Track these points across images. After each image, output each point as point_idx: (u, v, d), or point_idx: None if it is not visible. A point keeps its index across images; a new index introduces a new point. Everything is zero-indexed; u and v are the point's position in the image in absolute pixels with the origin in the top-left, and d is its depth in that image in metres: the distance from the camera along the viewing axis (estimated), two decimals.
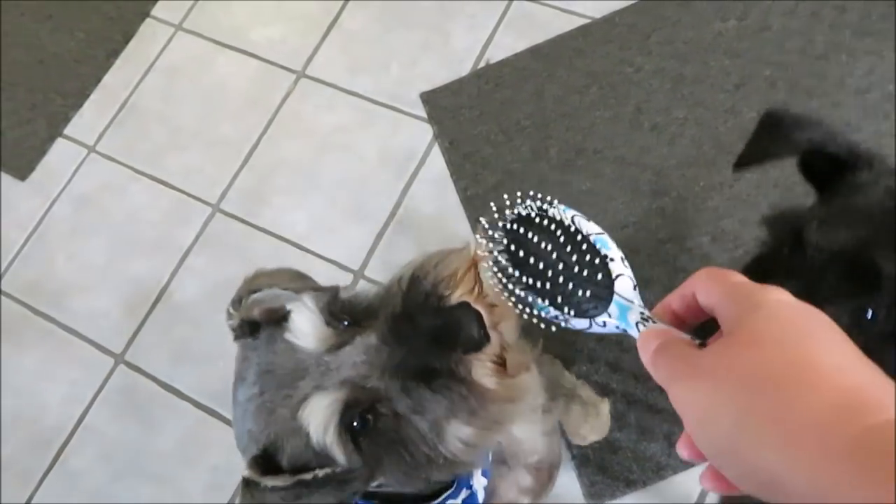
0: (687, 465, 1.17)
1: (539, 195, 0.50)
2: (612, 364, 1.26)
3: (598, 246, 0.47)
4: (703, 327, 0.43)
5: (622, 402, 1.23)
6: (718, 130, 1.40)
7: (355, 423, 0.51)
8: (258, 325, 0.58)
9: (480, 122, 1.50)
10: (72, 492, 1.37)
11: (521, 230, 0.48)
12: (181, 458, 1.36)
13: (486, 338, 0.52)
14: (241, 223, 1.53)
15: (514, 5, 1.62)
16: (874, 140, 1.32)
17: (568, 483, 1.21)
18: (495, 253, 0.48)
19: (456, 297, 0.53)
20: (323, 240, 1.48)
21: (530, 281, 0.46)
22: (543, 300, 0.46)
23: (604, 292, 0.46)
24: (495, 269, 0.47)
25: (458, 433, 0.51)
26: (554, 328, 0.46)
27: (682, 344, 0.39)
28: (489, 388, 0.51)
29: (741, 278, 0.39)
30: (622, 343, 1.27)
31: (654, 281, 1.31)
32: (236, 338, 0.60)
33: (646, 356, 0.40)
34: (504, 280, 0.47)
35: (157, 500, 1.34)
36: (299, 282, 0.61)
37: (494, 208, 0.48)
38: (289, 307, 0.54)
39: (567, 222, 0.48)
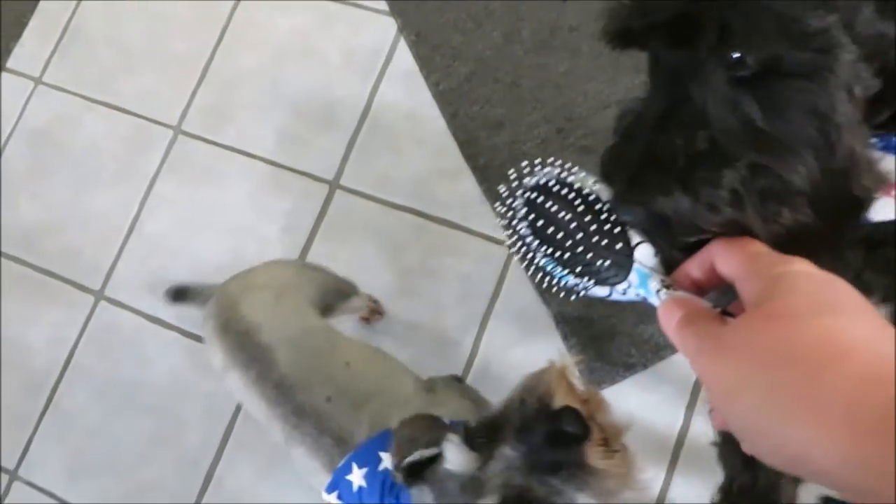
0: None
1: (558, 161, 0.49)
2: None
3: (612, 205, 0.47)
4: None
5: None
6: None
7: None
8: (420, 471, 0.74)
9: (446, 9, 1.40)
10: (69, 433, 1.36)
11: (540, 199, 0.48)
12: (175, 389, 1.34)
13: (588, 429, 0.67)
14: (206, 143, 1.45)
15: None
16: None
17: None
18: (515, 222, 0.49)
19: (557, 401, 0.68)
20: (293, 152, 1.41)
21: (550, 250, 0.47)
22: (563, 269, 0.47)
23: (624, 260, 0.46)
24: (515, 239, 0.49)
25: None
26: (574, 296, 0.48)
27: (706, 316, 0.38)
28: (601, 468, 0.67)
29: (761, 247, 0.39)
30: None
31: None
32: (408, 486, 0.75)
33: (669, 326, 0.40)
34: (524, 250, 0.48)
35: (156, 431, 1.33)
36: (434, 426, 0.76)
37: (513, 176, 0.48)
38: (443, 447, 0.71)
39: (587, 190, 0.48)
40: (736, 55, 0.42)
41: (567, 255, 0.46)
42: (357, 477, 0.78)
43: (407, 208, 1.33)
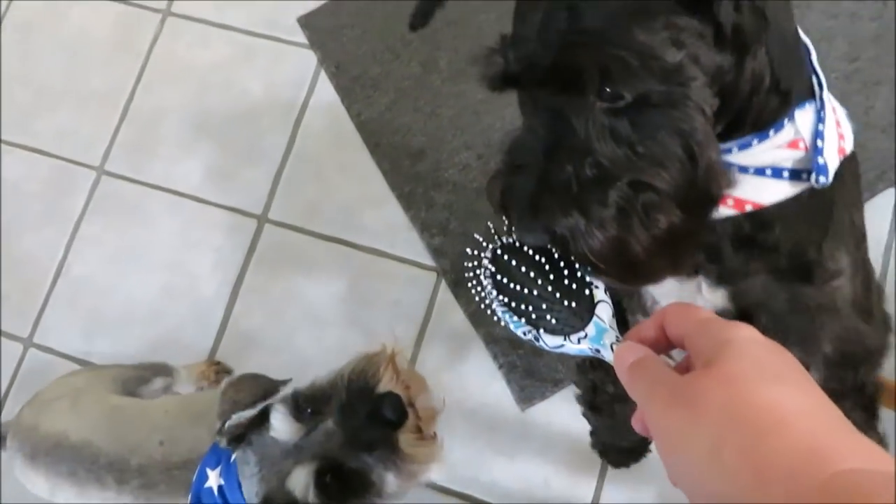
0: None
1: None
2: None
3: (581, 272, 0.51)
4: None
5: None
6: None
7: (328, 481, 0.74)
8: (243, 435, 0.79)
9: (364, 41, 1.43)
10: (79, 298, 1.39)
11: (506, 256, 0.52)
12: (184, 245, 1.39)
13: (405, 415, 0.75)
14: (131, 182, 1.44)
15: None
16: None
17: (499, 391, 1.24)
18: (480, 276, 0.53)
19: (382, 386, 0.76)
20: (220, 187, 1.42)
21: (512, 304, 0.51)
22: (520, 318, 0.50)
23: (583, 314, 0.49)
24: (479, 289, 0.53)
25: (392, 483, 0.76)
26: (531, 343, 0.50)
27: (659, 364, 0.40)
28: (409, 454, 0.75)
29: (710, 314, 0.41)
30: None
31: None
32: (232, 450, 0.79)
33: (622, 367, 0.42)
34: (486, 300, 0.52)
35: (167, 286, 1.37)
36: (256, 385, 0.82)
37: (480, 238, 0.53)
38: (270, 411, 0.77)
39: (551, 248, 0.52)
40: (612, 91, 0.49)
41: (531, 307, 0.50)
42: (214, 478, 0.81)
43: (335, 238, 1.35)
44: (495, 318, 0.52)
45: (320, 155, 1.40)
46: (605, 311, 0.49)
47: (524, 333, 0.50)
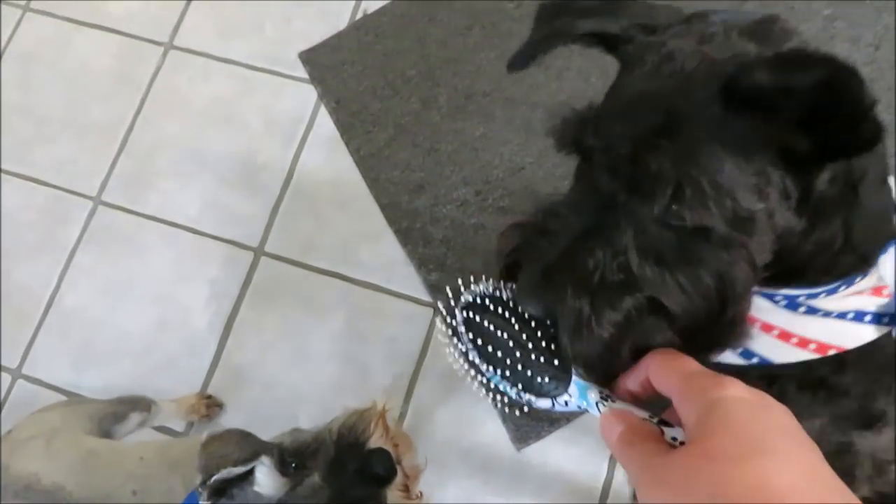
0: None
1: (490, 279, 0.52)
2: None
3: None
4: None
5: None
6: (604, 60, 1.38)
7: None
8: (224, 489, 0.76)
9: (365, 77, 1.44)
10: (71, 329, 1.37)
11: (477, 318, 0.50)
12: (178, 278, 1.38)
13: (394, 472, 0.73)
14: (127, 213, 1.44)
15: None
16: None
17: (495, 431, 1.22)
18: (456, 342, 0.51)
19: (372, 442, 0.74)
20: (217, 219, 1.41)
21: (492, 368, 0.49)
22: (507, 384, 0.49)
23: (562, 374, 0.48)
24: (456, 356, 0.51)
25: None
26: (520, 410, 0.50)
27: (646, 435, 0.40)
28: None
29: (695, 366, 0.41)
30: None
31: None
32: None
33: (610, 440, 0.42)
34: (465, 366, 0.51)
35: (160, 318, 1.36)
36: (245, 443, 0.79)
37: (450, 295, 0.51)
38: (255, 465, 0.74)
39: (520, 306, 0.50)
40: (676, 210, 0.46)
41: (508, 371, 0.48)
42: None
43: (332, 272, 1.34)
44: (483, 389, 0.50)
45: (318, 189, 1.40)
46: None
47: (515, 394, 0.49)
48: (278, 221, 1.39)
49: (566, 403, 0.48)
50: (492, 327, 0.49)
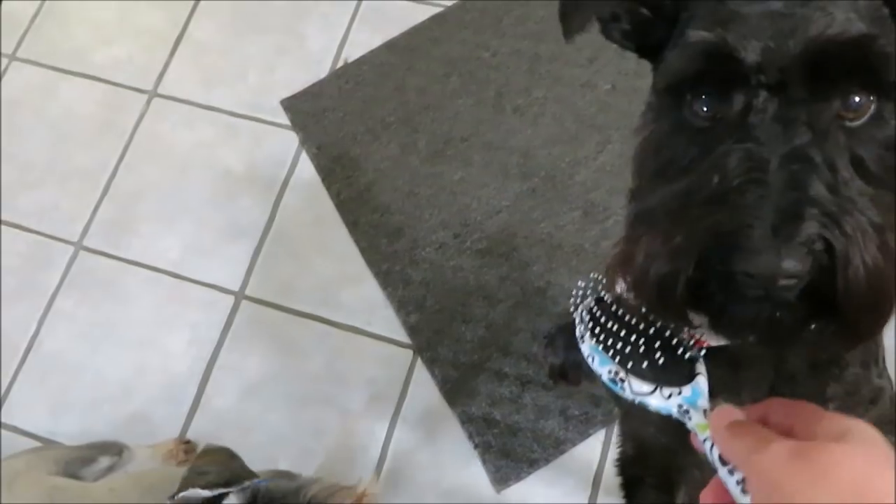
0: (584, 436, 1.21)
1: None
2: (503, 348, 1.28)
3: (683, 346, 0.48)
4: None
5: (516, 384, 1.25)
6: (578, 105, 1.43)
7: None
8: None
9: (345, 123, 1.47)
10: (49, 375, 1.36)
11: (612, 303, 0.49)
12: (159, 322, 1.38)
13: None
14: (109, 258, 1.45)
15: (364, 3, 1.59)
16: None
17: (475, 472, 1.22)
18: (581, 308, 0.50)
19: None
20: (198, 264, 1.42)
21: (608, 341, 0.48)
22: (611, 357, 0.48)
23: (682, 379, 0.47)
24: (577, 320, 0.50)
25: None
26: (610, 389, 0.48)
27: (766, 429, 0.40)
28: None
29: (820, 410, 0.41)
30: (510, 326, 1.29)
31: (535, 260, 1.33)
32: None
33: (720, 424, 0.42)
34: (579, 332, 0.49)
35: (140, 363, 1.35)
36: (228, 466, 0.79)
37: (580, 289, 0.50)
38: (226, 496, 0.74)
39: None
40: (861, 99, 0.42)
41: (625, 349, 0.48)
42: None
43: (312, 315, 1.35)
44: (585, 355, 0.48)
45: (299, 233, 1.42)
46: (703, 384, 0.47)
47: (609, 373, 0.47)
48: (259, 265, 1.41)
49: (670, 396, 0.46)
50: (622, 333, 0.49)
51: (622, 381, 0.47)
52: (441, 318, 1.30)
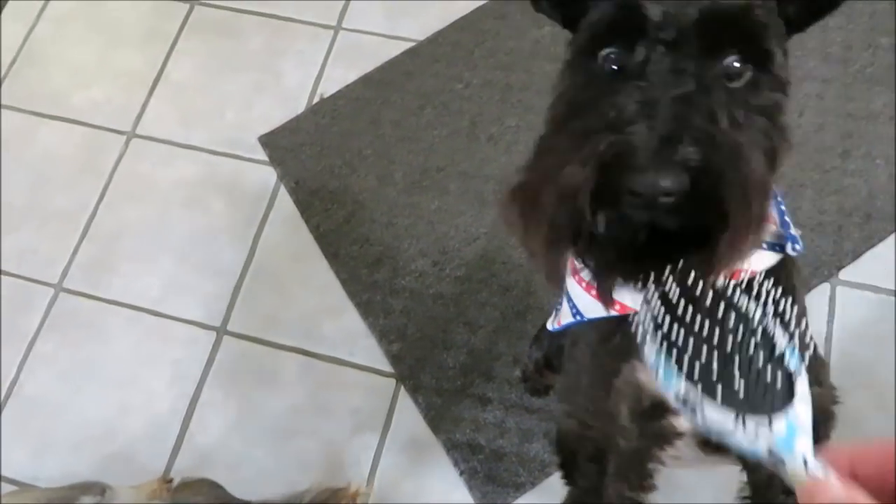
0: None
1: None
2: (485, 373, 1.29)
3: (786, 357, 0.37)
4: None
5: (499, 409, 1.26)
6: None
7: None
8: None
9: (323, 157, 1.50)
10: (30, 419, 1.35)
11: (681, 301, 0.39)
12: (140, 361, 1.38)
13: None
14: (89, 299, 1.45)
15: (339, 37, 1.63)
16: None
17: (461, 498, 1.22)
18: (645, 308, 0.41)
19: None
20: (179, 301, 1.42)
21: (674, 350, 0.38)
22: (679, 370, 0.37)
23: (774, 402, 0.36)
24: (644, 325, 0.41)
25: None
26: (681, 411, 0.37)
27: None
28: None
29: None
30: (492, 351, 1.30)
31: (513, 285, 1.35)
32: None
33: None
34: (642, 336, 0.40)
35: (122, 403, 1.34)
36: (212, 495, 0.79)
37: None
38: None
39: (752, 314, 0.39)
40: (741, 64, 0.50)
41: (695, 361, 0.37)
42: None
43: (294, 348, 1.36)
44: (650, 365, 0.38)
45: (280, 267, 1.43)
46: (804, 409, 0.36)
47: (679, 394, 0.36)
48: (240, 300, 1.41)
49: (757, 434, 0.34)
50: (692, 315, 0.39)
51: (693, 405, 0.35)
52: (423, 345, 1.31)
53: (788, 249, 0.60)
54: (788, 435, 0.34)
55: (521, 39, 1.56)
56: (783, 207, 0.62)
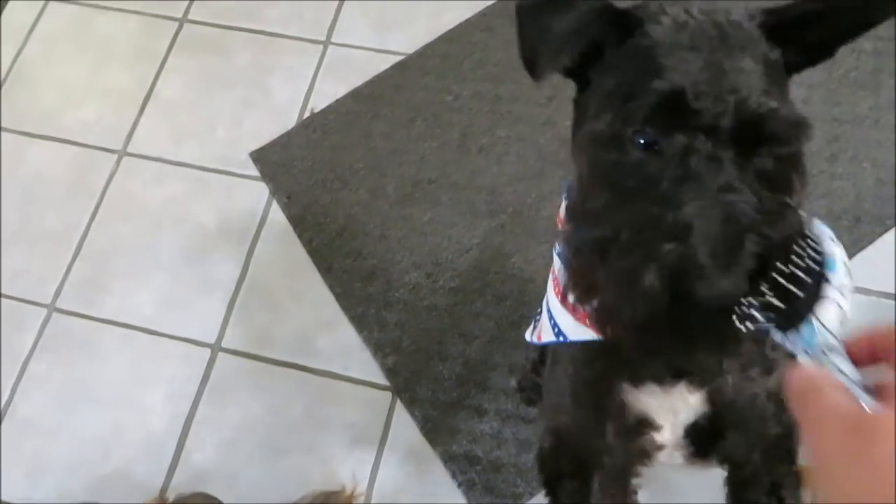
0: None
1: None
2: (481, 384, 1.29)
3: (825, 263, 0.46)
4: None
5: (496, 419, 1.26)
6: (540, 143, 1.47)
7: None
8: None
9: (314, 171, 1.50)
10: (24, 441, 1.34)
11: None
12: (135, 379, 1.37)
13: None
14: (82, 318, 1.44)
15: (329, 52, 1.64)
16: None
17: None
18: None
19: None
20: (173, 318, 1.42)
21: None
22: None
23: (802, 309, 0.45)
24: None
25: None
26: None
27: (836, 392, 0.38)
28: None
29: None
30: (487, 361, 1.31)
31: (507, 295, 1.35)
32: None
33: (791, 387, 0.40)
34: None
35: (117, 422, 1.33)
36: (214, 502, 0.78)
37: None
38: None
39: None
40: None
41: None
42: None
43: (289, 364, 1.36)
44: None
45: (273, 282, 1.43)
46: (829, 315, 0.45)
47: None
48: (234, 316, 1.41)
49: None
50: None
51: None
52: (418, 358, 1.31)
53: None
54: (809, 334, 0.44)
55: (509, 51, 1.57)
56: None
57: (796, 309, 0.45)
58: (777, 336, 0.45)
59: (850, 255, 1.29)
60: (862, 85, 1.44)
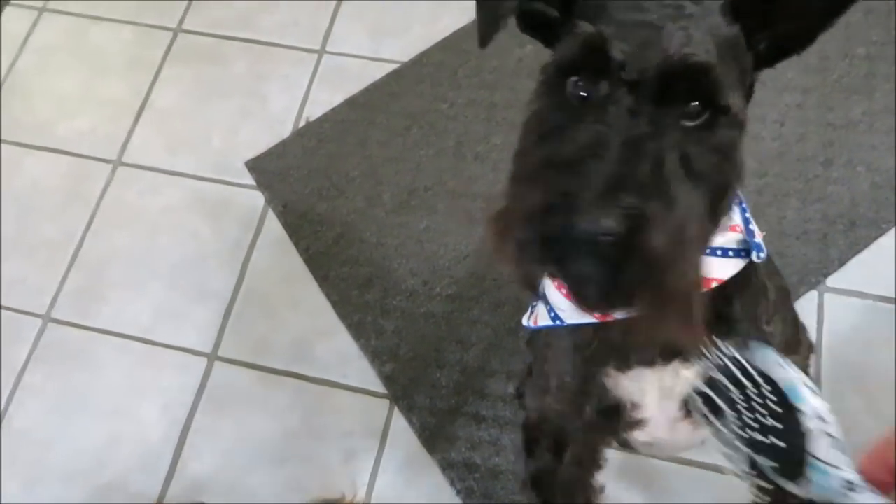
0: None
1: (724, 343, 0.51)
2: (479, 391, 1.28)
3: (787, 395, 0.46)
4: None
5: (494, 426, 1.25)
6: None
7: None
8: None
9: (310, 180, 1.50)
10: (20, 452, 1.33)
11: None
12: (131, 389, 1.36)
13: None
14: (78, 328, 1.44)
15: (324, 61, 1.64)
16: None
17: None
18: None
19: None
20: (169, 328, 1.42)
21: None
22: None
23: (796, 450, 0.44)
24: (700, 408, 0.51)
25: None
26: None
27: None
28: None
29: None
30: (485, 368, 1.30)
31: (504, 302, 1.35)
32: None
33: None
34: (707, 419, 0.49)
35: (113, 433, 1.33)
36: None
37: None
38: None
39: (743, 363, 0.49)
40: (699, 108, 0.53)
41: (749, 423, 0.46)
42: None
43: (286, 372, 1.35)
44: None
45: (269, 290, 1.43)
46: (820, 445, 0.44)
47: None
48: (231, 325, 1.41)
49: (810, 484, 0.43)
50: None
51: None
52: (415, 365, 1.31)
53: (753, 257, 0.63)
54: (821, 477, 0.43)
55: (504, 58, 1.58)
56: (748, 215, 0.65)
57: (789, 458, 0.43)
58: (800, 490, 0.43)
59: (846, 259, 1.31)
60: (855, 89, 1.45)
